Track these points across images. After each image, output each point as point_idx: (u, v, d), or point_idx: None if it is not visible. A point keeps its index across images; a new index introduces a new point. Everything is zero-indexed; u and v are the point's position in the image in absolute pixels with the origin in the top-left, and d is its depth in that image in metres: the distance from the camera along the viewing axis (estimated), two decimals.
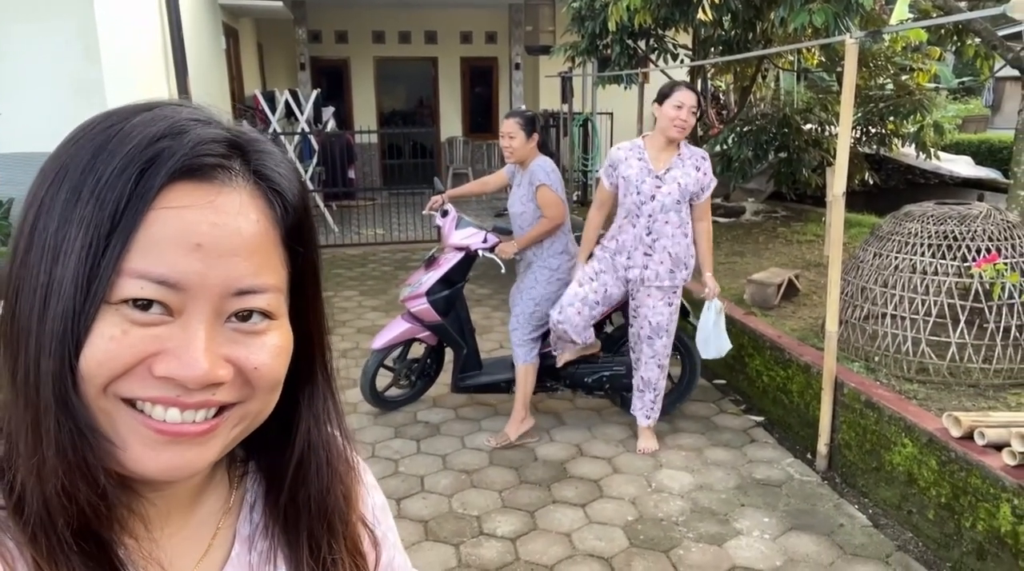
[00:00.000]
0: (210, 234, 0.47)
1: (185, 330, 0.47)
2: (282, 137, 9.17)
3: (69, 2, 4.92)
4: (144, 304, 0.46)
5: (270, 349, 0.51)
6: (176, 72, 5.83)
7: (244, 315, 0.49)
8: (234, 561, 0.58)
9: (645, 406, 3.71)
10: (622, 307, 3.91)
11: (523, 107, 4.18)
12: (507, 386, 4.04)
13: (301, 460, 0.58)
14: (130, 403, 0.47)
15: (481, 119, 13.22)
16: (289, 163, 0.54)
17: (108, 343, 0.45)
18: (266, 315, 0.50)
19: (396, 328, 4.01)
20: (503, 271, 3.91)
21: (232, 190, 0.49)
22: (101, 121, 0.49)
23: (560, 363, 3.92)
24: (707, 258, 3.56)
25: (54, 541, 0.45)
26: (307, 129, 9.32)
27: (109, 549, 0.48)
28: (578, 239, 3.79)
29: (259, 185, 0.51)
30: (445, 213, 4.07)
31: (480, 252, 3.86)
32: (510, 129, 3.77)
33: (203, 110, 0.51)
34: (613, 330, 4.13)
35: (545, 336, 3.91)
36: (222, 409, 0.50)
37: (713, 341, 3.61)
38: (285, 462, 0.58)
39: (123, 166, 0.46)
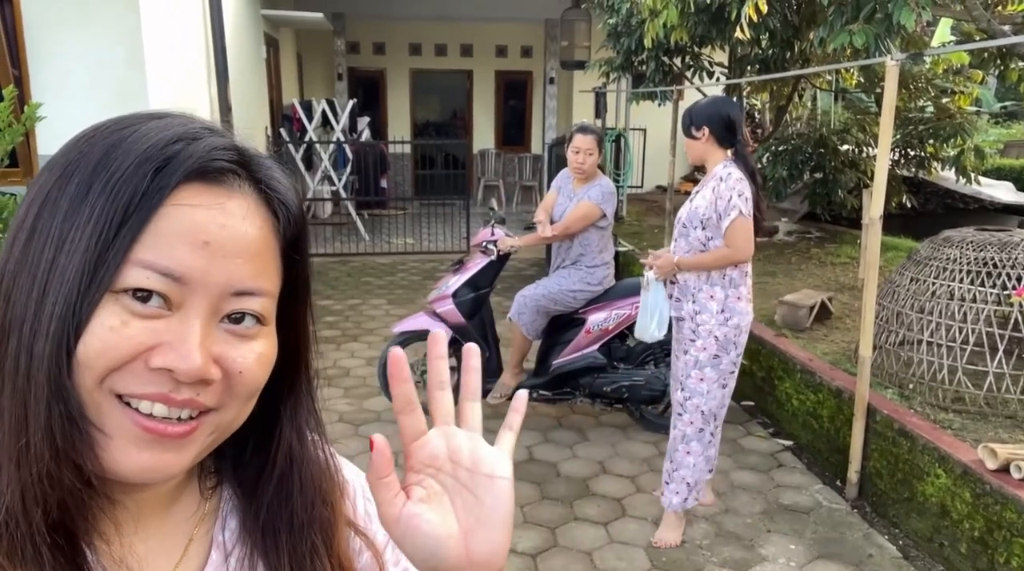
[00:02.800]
0: (217, 234, 0.49)
1: (182, 324, 0.48)
2: (318, 145, 9.30)
3: (115, 9, 5.05)
4: (144, 296, 0.47)
5: (256, 355, 0.52)
6: (217, 80, 5.94)
7: (237, 317, 0.51)
8: (210, 569, 0.58)
9: (669, 485, 3.13)
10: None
11: (585, 121, 4.21)
12: (526, 392, 4.06)
13: (282, 475, 0.59)
14: (122, 401, 0.48)
15: (514, 132, 13.27)
16: (291, 178, 0.56)
17: (108, 333, 0.46)
18: (258, 320, 0.52)
19: (417, 318, 4.12)
20: (494, 257, 4.00)
21: (241, 196, 0.51)
22: (112, 124, 0.51)
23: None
24: (692, 260, 2.97)
25: (23, 533, 0.45)
26: (342, 138, 9.44)
27: (77, 548, 0.48)
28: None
29: (264, 194, 0.53)
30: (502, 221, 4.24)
31: (486, 244, 4.00)
32: (589, 146, 3.80)
33: (213, 123, 0.54)
34: (636, 344, 4.12)
35: (552, 333, 4.03)
36: (200, 414, 0.50)
37: (647, 321, 3.16)
38: (265, 476, 0.59)
39: (140, 162, 0.47)
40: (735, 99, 7.04)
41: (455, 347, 4.14)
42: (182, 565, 0.57)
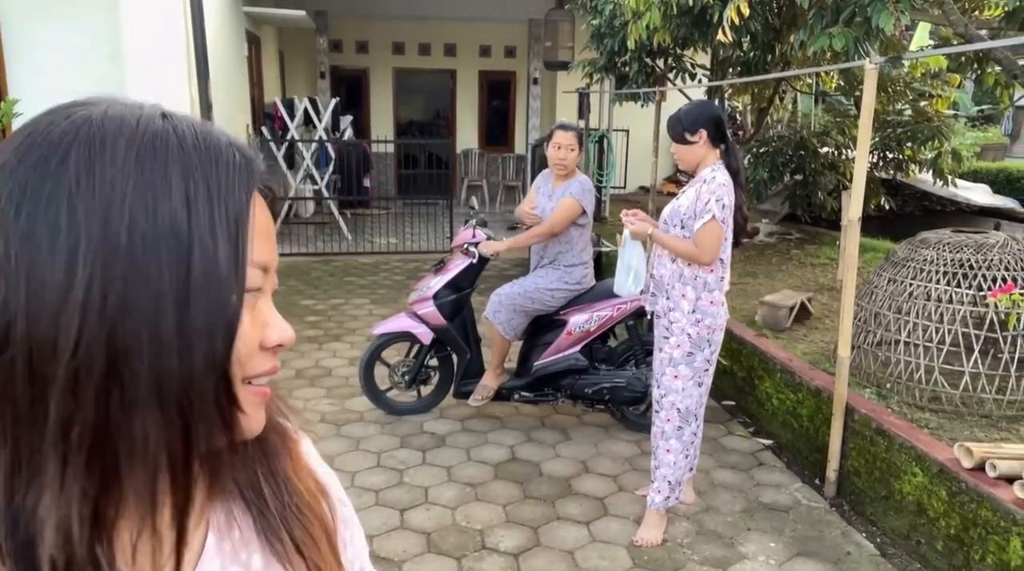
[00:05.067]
0: (268, 223, 0.55)
1: (267, 305, 0.55)
2: (300, 144, 9.25)
3: (95, 5, 4.99)
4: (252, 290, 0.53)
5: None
6: (198, 77, 5.88)
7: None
8: (210, 550, 0.58)
9: (654, 483, 3.17)
10: (625, 320, 3.92)
11: (566, 120, 4.21)
12: (508, 393, 4.06)
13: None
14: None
15: (497, 132, 13.28)
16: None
17: (248, 329, 0.51)
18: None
19: (397, 320, 4.10)
20: (474, 261, 3.98)
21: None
22: (160, 133, 0.48)
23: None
24: (663, 237, 3.02)
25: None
26: (324, 137, 9.39)
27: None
28: None
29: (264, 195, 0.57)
30: (483, 224, 4.20)
31: (467, 246, 3.98)
32: (571, 142, 3.80)
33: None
34: (617, 345, 4.13)
35: (534, 334, 4.02)
36: None
37: (623, 276, 3.24)
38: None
39: (237, 173, 0.50)
40: (717, 101, 7.11)
41: (436, 348, 4.13)
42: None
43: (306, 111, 9.40)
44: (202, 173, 0.48)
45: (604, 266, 6.83)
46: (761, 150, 7.36)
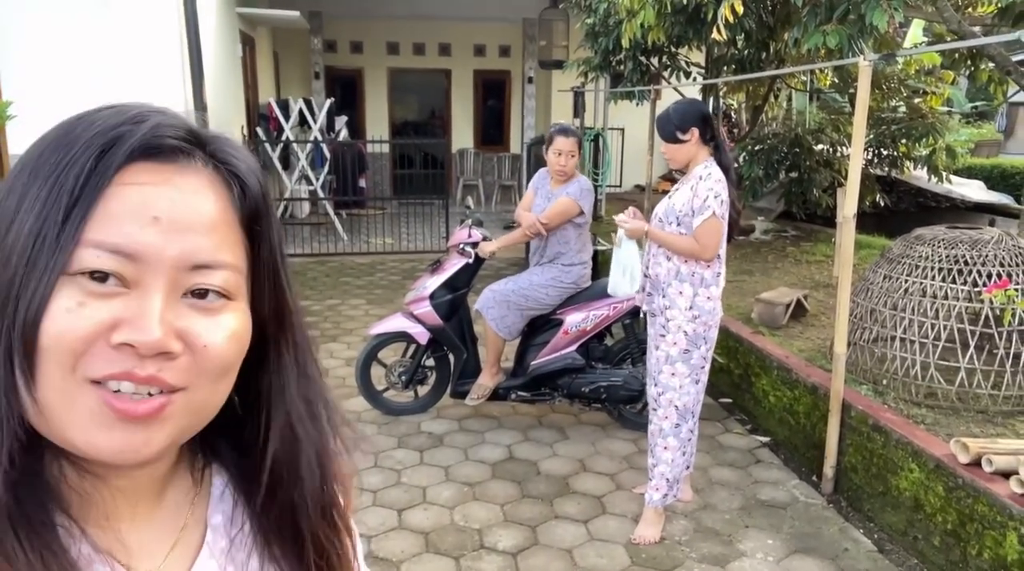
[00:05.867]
0: (168, 209, 0.49)
1: (141, 300, 0.48)
2: (295, 145, 9.23)
3: (88, 8, 4.98)
4: (100, 276, 0.47)
5: (224, 330, 0.51)
6: (192, 79, 5.87)
7: (200, 292, 0.50)
8: (206, 551, 0.58)
9: (651, 480, 3.17)
10: (621, 319, 3.92)
11: (564, 123, 4.22)
12: (505, 393, 4.06)
13: (277, 457, 0.58)
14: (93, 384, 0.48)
15: (492, 131, 13.27)
16: (249, 153, 0.56)
17: (65, 315, 0.46)
18: (223, 295, 0.51)
19: (394, 320, 4.09)
20: (470, 261, 3.97)
21: (192, 172, 0.51)
22: (70, 118, 0.51)
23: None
24: (662, 234, 3.01)
25: None
26: (320, 138, 9.38)
27: (54, 535, 0.48)
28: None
29: (219, 169, 0.53)
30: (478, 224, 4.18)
31: (463, 246, 3.98)
32: (571, 148, 3.83)
33: (166, 108, 0.53)
34: (614, 344, 4.14)
35: (530, 333, 4.01)
36: (169, 393, 0.50)
37: (619, 276, 3.33)
38: (259, 458, 0.58)
39: (84, 147, 0.48)
40: (711, 99, 7.12)
41: (433, 348, 4.13)
42: (176, 550, 0.57)
43: (301, 112, 9.39)
44: (55, 154, 0.48)
45: (600, 265, 6.83)
46: (756, 148, 7.37)
